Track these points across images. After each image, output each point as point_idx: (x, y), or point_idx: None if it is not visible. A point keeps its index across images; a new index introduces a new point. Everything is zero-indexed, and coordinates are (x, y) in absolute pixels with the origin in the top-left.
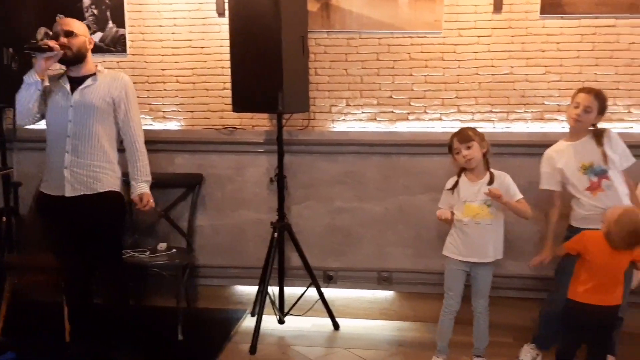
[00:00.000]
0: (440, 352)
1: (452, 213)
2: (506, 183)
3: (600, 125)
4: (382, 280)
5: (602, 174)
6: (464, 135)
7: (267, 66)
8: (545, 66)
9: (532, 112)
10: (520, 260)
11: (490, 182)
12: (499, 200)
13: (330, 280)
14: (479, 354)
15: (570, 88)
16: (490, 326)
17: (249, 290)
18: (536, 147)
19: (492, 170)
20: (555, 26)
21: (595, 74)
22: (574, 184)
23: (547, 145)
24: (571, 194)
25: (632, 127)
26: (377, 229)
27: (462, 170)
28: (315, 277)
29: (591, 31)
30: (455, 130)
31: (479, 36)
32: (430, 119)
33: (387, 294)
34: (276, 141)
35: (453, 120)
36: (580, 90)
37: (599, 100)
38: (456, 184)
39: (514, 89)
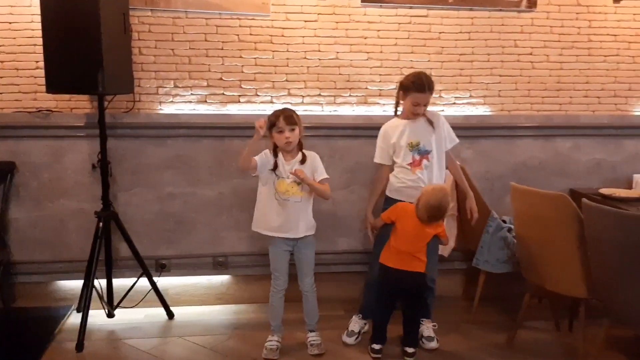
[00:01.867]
0: (275, 331)
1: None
2: (315, 163)
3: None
4: (218, 265)
5: (425, 154)
6: (291, 118)
7: (85, 44)
8: (368, 52)
9: (357, 96)
10: (349, 236)
11: (303, 161)
12: (303, 180)
13: (163, 268)
14: (312, 329)
15: (390, 74)
16: (322, 300)
17: (74, 285)
18: (361, 129)
19: (303, 150)
20: (375, 14)
21: (411, 60)
22: (400, 160)
23: (372, 127)
24: (398, 169)
25: (443, 110)
26: (211, 214)
27: (275, 147)
28: (147, 267)
29: (407, 20)
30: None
31: (305, 21)
32: (261, 102)
33: (223, 279)
34: (98, 125)
35: (284, 103)
36: (418, 89)
37: (432, 91)
38: (276, 164)
39: (340, 74)
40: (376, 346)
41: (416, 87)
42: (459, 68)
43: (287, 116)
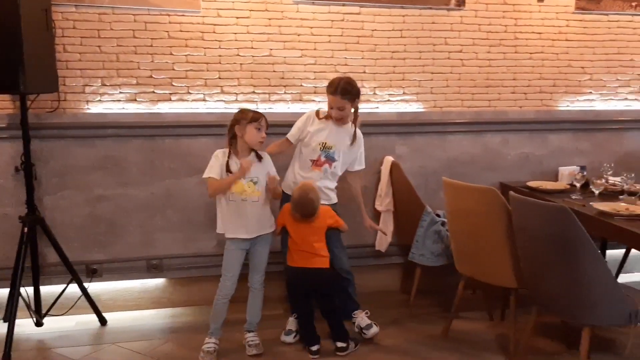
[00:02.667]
0: (213, 334)
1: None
2: (270, 162)
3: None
4: (152, 268)
5: (330, 160)
6: (266, 119)
7: (4, 42)
8: (301, 49)
9: (291, 93)
10: None
11: (260, 158)
12: (275, 189)
13: (94, 274)
14: (251, 329)
15: (324, 71)
16: (264, 300)
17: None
18: None
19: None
20: (308, 11)
21: (345, 58)
22: (306, 152)
23: None
24: (299, 160)
25: (377, 107)
26: (144, 216)
27: (231, 152)
28: (77, 273)
29: (340, 17)
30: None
31: (237, 17)
32: (194, 100)
33: (158, 282)
34: (20, 125)
35: (217, 101)
36: (331, 91)
37: (348, 95)
38: (228, 168)
39: (274, 71)
40: (313, 347)
41: (329, 89)
42: (392, 65)
43: (264, 118)
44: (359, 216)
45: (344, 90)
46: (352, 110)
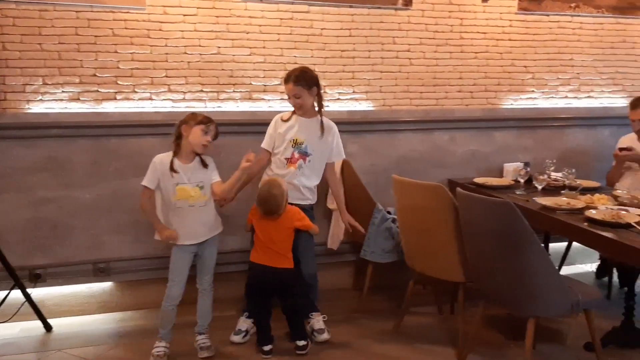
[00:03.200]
0: (163, 338)
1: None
2: (213, 166)
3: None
4: (99, 271)
5: (304, 155)
6: (217, 128)
7: None
8: (250, 47)
9: (240, 92)
10: (239, 235)
11: (204, 164)
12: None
13: (38, 279)
14: (202, 331)
15: (274, 69)
16: (214, 301)
17: None
18: (247, 125)
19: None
20: (257, 9)
21: (295, 56)
22: (280, 151)
23: (257, 123)
24: (274, 160)
25: (328, 106)
26: (89, 218)
27: (175, 153)
28: (19, 278)
29: (289, 16)
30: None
31: (184, 15)
32: (140, 99)
33: (105, 286)
34: None
35: (164, 99)
36: (284, 80)
37: (301, 82)
38: (172, 167)
39: (223, 69)
40: (265, 348)
41: (284, 79)
42: (342, 64)
43: (216, 127)
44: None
45: (297, 78)
46: (315, 100)
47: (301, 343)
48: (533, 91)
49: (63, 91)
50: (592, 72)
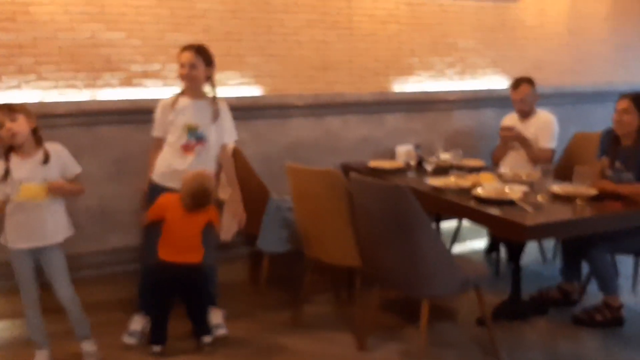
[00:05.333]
0: (42, 346)
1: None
2: (63, 159)
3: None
4: None
5: (201, 139)
6: (6, 106)
7: None
8: (127, 30)
9: (119, 78)
10: (121, 232)
11: (46, 159)
12: (64, 195)
13: None
14: (85, 337)
15: (154, 53)
16: (97, 306)
17: None
18: (128, 114)
19: (46, 145)
20: None
21: (177, 40)
22: (173, 139)
23: (139, 111)
24: (168, 145)
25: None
26: None
27: (9, 150)
28: None
29: None
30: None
31: None
32: (7, 88)
33: None
34: None
35: (35, 88)
36: (182, 49)
37: (202, 54)
38: (8, 170)
39: (99, 54)
40: (157, 348)
41: (181, 49)
42: (228, 47)
43: (5, 107)
44: None
45: (200, 49)
46: (207, 82)
47: (207, 339)
48: (420, 75)
49: None
50: (475, 55)
